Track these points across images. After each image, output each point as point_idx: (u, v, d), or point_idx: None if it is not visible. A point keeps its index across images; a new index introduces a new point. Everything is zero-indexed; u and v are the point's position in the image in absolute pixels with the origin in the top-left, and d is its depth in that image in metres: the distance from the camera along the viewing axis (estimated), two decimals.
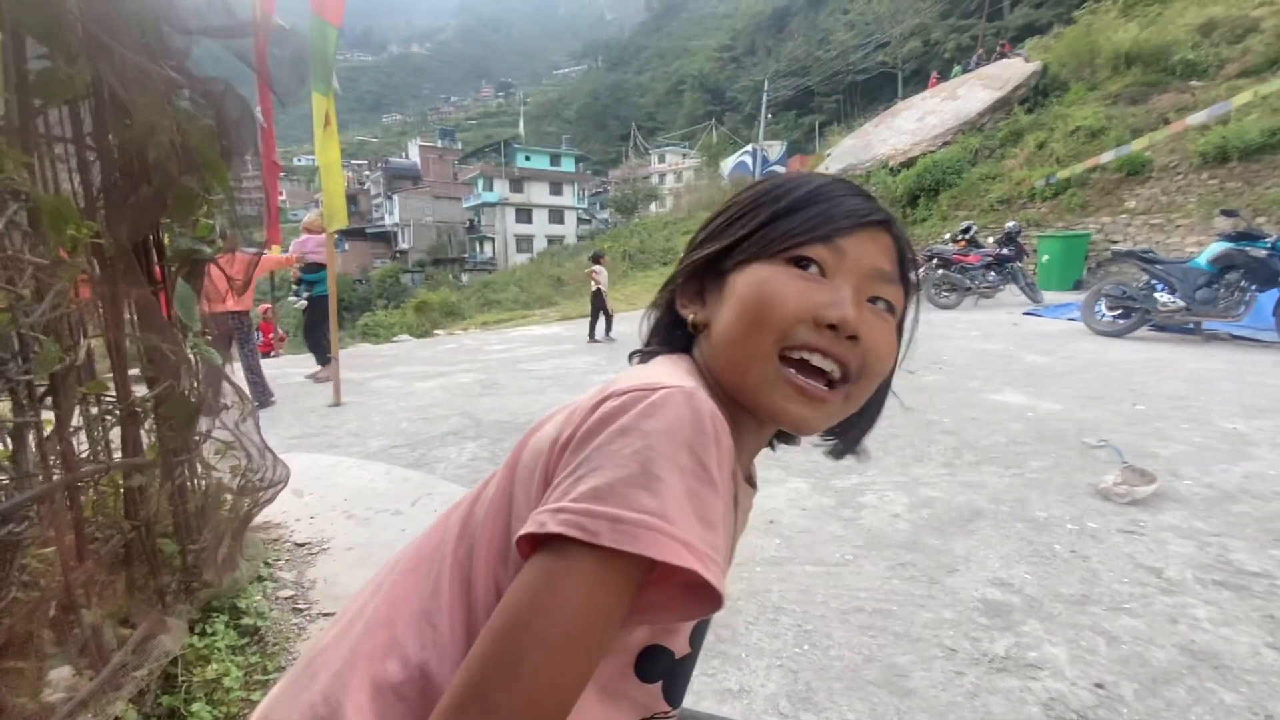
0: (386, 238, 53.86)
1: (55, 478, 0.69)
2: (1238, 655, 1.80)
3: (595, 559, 0.39)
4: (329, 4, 4.57)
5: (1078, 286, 10.90)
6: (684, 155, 50.47)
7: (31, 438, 0.68)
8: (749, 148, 35.03)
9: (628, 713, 0.53)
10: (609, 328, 8.31)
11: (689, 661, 0.56)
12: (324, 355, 6.41)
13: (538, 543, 0.40)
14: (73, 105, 0.73)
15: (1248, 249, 6.11)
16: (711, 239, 0.56)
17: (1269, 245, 6.02)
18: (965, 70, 21.23)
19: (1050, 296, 9.94)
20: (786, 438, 0.67)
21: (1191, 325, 6.66)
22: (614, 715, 0.52)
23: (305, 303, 6.34)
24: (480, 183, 49.10)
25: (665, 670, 0.53)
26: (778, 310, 0.50)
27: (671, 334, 0.60)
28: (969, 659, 1.83)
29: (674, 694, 0.56)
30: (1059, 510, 2.76)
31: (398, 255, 51.44)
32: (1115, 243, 11.24)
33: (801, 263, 0.51)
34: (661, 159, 51.12)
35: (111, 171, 0.75)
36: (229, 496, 1.17)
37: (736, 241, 0.53)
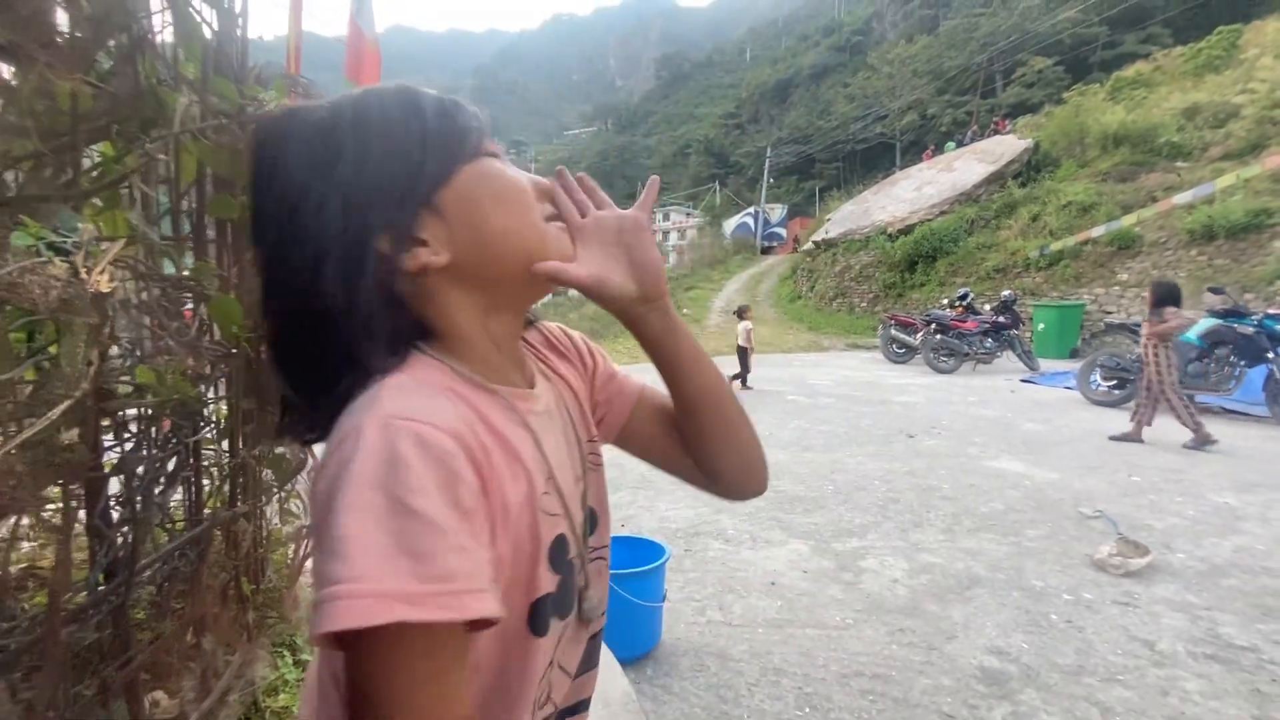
0: None
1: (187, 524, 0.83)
2: None
3: (360, 645, 0.37)
4: (364, 77, 4.91)
5: (1073, 355, 11.10)
6: (688, 215, 51.90)
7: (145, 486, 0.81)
8: (751, 209, 36.05)
9: (555, 651, 0.54)
10: (744, 379, 8.60)
11: (571, 580, 0.54)
12: None
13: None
14: (222, 220, 0.90)
15: (1236, 325, 6.30)
16: (381, 194, 0.47)
17: (1255, 322, 6.22)
18: (959, 145, 22.14)
19: (1046, 364, 10.12)
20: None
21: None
22: (544, 660, 0.52)
23: None
24: None
25: (553, 610, 0.52)
26: (527, 194, 0.52)
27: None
28: None
29: (581, 606, 0.56)
30: (1055, 580, 2.82)
31: None
32: (1109, 313, 11.51)
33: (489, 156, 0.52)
34: (666, 218, 52.59)
35: (250, 271, 0.90)
36: (290, 542, 1.28)
37: (420, 175, 0.48)
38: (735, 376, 8.47)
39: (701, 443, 0.64)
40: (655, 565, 2.26)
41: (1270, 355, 6.01)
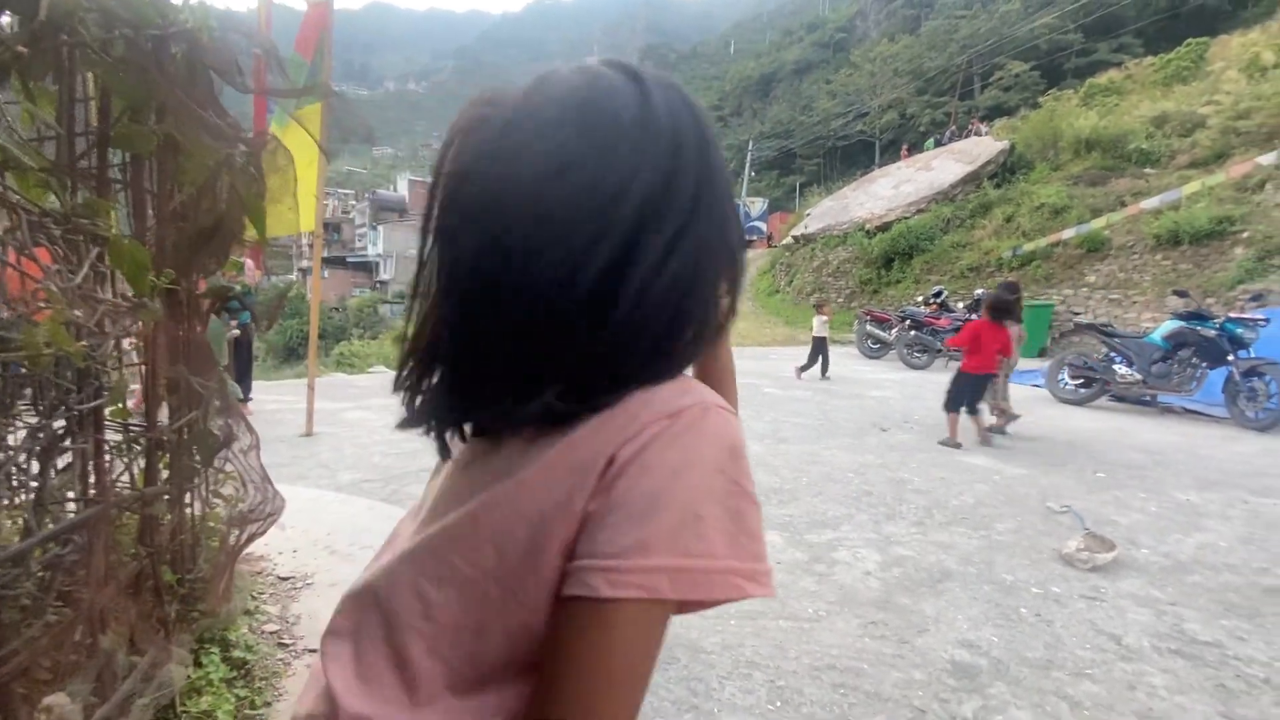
0: (368, 267, 53.71)
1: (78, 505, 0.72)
2: None
3: (653, 608, 0.40)
4: (305, 40, 4.77)
5: (1042, 354, 11.32)
6: None
7: (58, 465, 0.71)
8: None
9: None
10: (825, 369, 8.82)
11: None
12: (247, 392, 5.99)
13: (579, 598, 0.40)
14: (137, 156, 0.79)
15: (1198, 328, 6.46)
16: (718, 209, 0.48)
17: (1217, 326, 6.38)
18: (938, 144, 22.39)
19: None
20: None
21: (1148, 397, 6.96)
22: None
23: (238, 331, 5.37)
24: None
25: None
26: None
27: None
28: None
29: None
30: (1024, 574, 2.83)
31: (378, 286, 51.19)
32: (1077, 314, 11.76)
33: None
34: None
35: (169, 217, 0.80)
36: (222, 526, 1.18)
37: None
38: (804, 367, 8.82)
39: None
40: None
41: (1231, 358, 6.17)
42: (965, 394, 5.16)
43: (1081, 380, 7.26)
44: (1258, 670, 2.12)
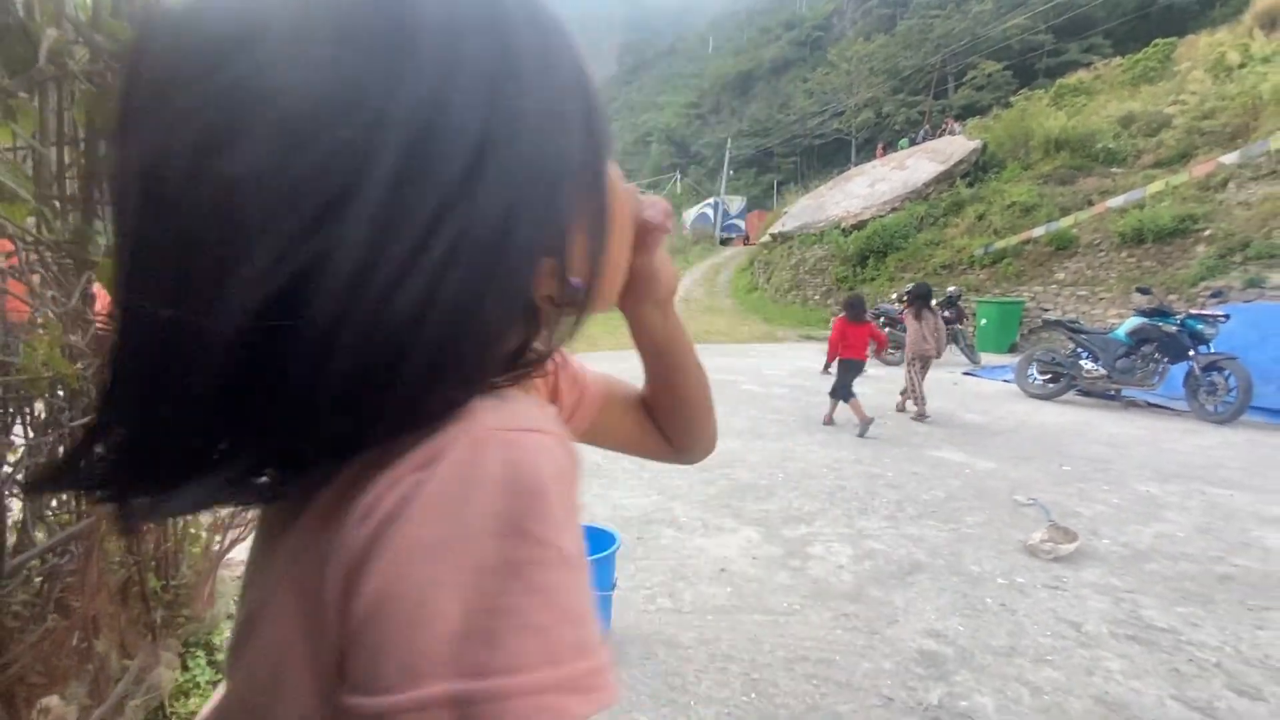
0: None
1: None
2: (1146, 706, 1.96)
3: None
4: None
5: (1012, 350, 11.58)
6: None
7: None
8: (711, 200, 36.19)
9: None
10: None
11: None
12: None
13: None
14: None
15: (1161, 324, 6.68)
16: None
17: (1178, 322, 6.60)
18: (913, 143, 22.73)
19: (987, 359, 10.53)
20: None
21: (1112, 392, 7.18)
22: None
23: None
24: None
25: None
26: None
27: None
28: (905, 708, 1.93)
29: None
30: (990, 565, 2.93)
31: None
32: (1046, 310, 12.05)
33: None
34: None
35: None
36: (204, 533, 1.20)
37: (597, 153, 0.36)
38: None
39: (687, 425, 0.66)
40: (605, 554, 2.24)
41: (1191, 353, 6.38)
42: (848, 379, 5.68)
43: (1049, 375, 7.46)
44: (1209, 655, 2.24)
